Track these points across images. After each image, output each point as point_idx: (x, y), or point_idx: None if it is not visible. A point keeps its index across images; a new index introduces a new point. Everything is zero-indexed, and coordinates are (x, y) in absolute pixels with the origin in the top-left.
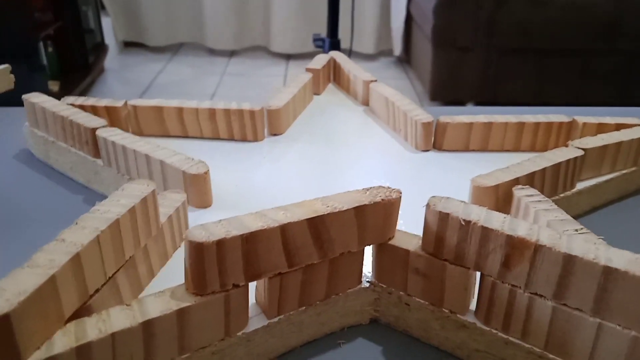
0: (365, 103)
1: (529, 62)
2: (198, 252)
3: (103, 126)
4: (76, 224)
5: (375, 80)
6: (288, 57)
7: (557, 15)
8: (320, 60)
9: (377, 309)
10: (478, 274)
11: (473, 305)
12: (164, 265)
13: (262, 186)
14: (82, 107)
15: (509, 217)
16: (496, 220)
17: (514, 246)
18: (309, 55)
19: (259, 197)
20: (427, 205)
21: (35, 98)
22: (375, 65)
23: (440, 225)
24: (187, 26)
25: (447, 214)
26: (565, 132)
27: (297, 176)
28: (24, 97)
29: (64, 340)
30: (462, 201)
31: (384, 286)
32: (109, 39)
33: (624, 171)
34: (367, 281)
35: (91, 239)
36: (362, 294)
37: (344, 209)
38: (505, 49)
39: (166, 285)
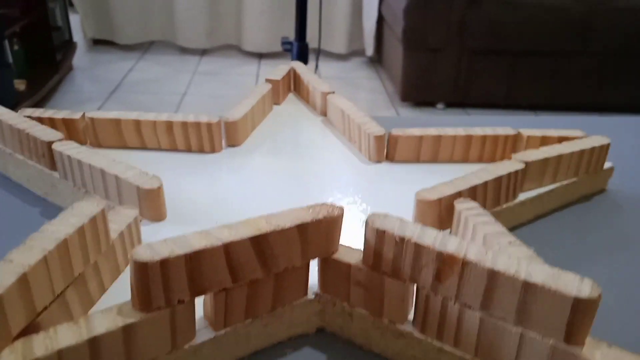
0: (324, 113)
1: (500, 63)
2: (142, 271)
3: (59, 139)
4: (24, 243)
5: (333, 92)
6: (260, 56)
7: (528, 16)
8: (280, 71)
9: (322, 319)
10: (415, 286)
11: (412, 315)
12: (115, 279)
13: (217, 198)
14: (40, 120)
15: (441, 233)
16: (428, 237)
17: (444, 261)
18: (281, 55)
19: (214, 209)
20: (366, 222)
21: None
22: (347, 65)
23: (377, 241)
24: (158, 24)
25: (384, 231)
26: (511, 144)
27: (253, 188)
28: None
29: (10, 357)
30: (399, 218)
31: (329, 297)
32: (78, 36)
33: (565, 182)
34: (313, 292)
35: (38, 259)
36: (307, 305)
37: (287, 226)
38: (476, 50)
39: (117, 299)
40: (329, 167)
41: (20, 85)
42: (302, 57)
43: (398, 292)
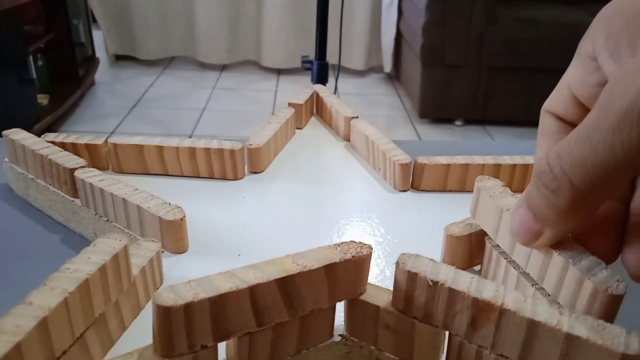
0: (347, 138)
1: (517, 80)
2: (166, 316)
3: (82, 166)
4: (45, 284)
5: (357, 117)
6: (279, 71)
7: (545, 33)
8: (303, 95)
9: None
10: (447, 332)
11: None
12: (136, 316)
13: (239, 227)
14: (63, 145)
15: (477, 277)
16: (463, 281)
17: (480, 308)
18: (300, 71)
19: (236, 239)
20: (397, 264)
21: (15, 135)
22: (366, 82)
23: (409, 283)
24: (179, 40)
25: (416, 274)
26: None
27: (275, 216)
28: (4, 133)
29: None
30: (431, 259)
31: (355, 340)
32: (100, 52)
33: None
34: (339, 334)
35: (59, 302)
36: (333, 347)
37: (314, 267)
38: (494, 67)
39: (138, 338)
40: (353, 195)
41: (43, 100)
42: (322, 75)
43: (429, 337)
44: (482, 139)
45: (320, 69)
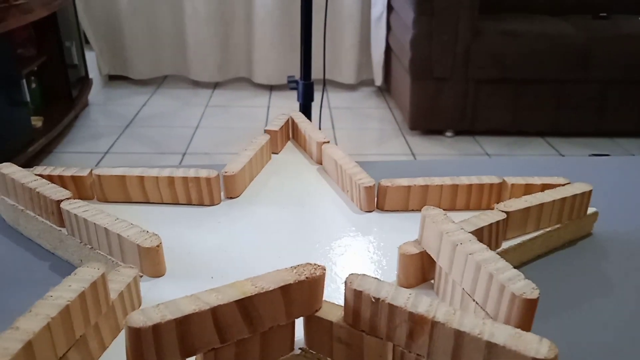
0: (320, 162)
1: (504, 91)
2: (136, 336)
3: (67, 198)
4: (30, 311)
5: (328, 142)
6: (271, 87)
7: (530, 46)
8: (278, 121)
9: None
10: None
11: None
12: (115, 336)
13: (214, 251)
14: (50, 177)
15: (414, 294)
16: (401, 298)
17: (416, 321)
18: None
19: (211, 262)
20: (345, 283)
21: (6, 169)
22: (357, 95)
23: (356, 300)
24: (171, 59)
25: (361, 292)
26: (497, 192)
27: (248, 240)
28: None
29: None
30: (376, 278)
31: (314, 353)
32: (93, 72)
33: (548, 229)
34: (299, 348)
35: (42, 326)
36: (293, 359)
37: (271, 288)
38: (481, 80)
39: (117, 355)
40: (323, 216)
41: (37, 122)
42: (308, 94)
43: (376, 348)
44: (468, 151)
45: (305, 89)
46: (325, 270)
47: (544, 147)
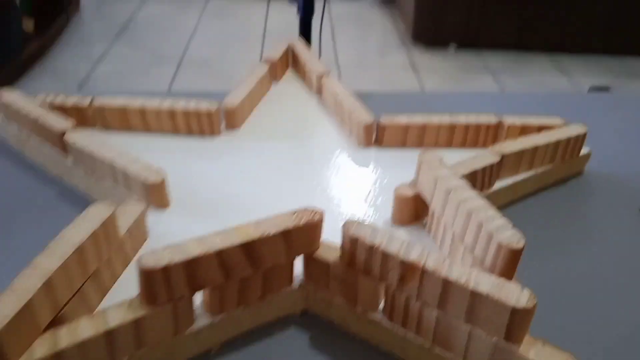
0: (319, 92)
1: (511, 4)
2: (148, 275)
3: (70, 128)
4: (47, 249)
5: (327, 74)
6: None
7: None
8: (278, 50)
9: (306, 303)
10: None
11: (382, 305)
12: (126, 267)
13: (216, 183)
14: (52, 106)
15: (407, 242)
16: (394, 245)
17: (407, 268)
18: None
19: (213, 195)
20: (342, 228)
21: (7, 97)
22: (359, 5)
23: (352, 245)
24: None
25: (357, 238)
26: (493, 132)
27: (249, 171)
28: None
29: (41, 349)
30: (371, 225)
31: (311, 286)
32: None
33: (540, 170)
34: (299, 281)
35: (60, 265)
36: (294, 292)
37: (272, 233)
38: None
39: (128, 284)
40: (322, 150)
41: (28, 23)
42: (309, 6)
43: (369, 288)
44: (471, 66)
45: (305, 3)
46: (323, 215)
47: (549, 65)
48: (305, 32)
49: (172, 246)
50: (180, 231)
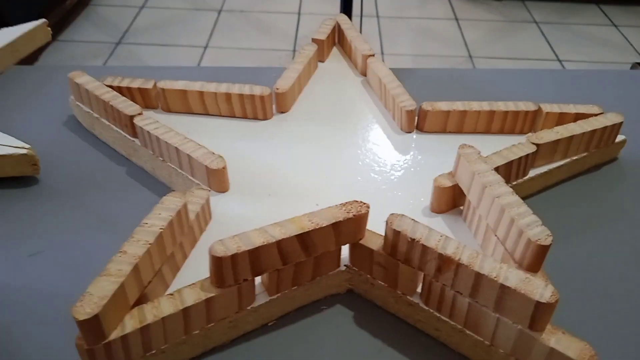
0: (364, 73)
1: None
2: (218, 262)
3: (139, 113)
4: (132, 237)
5: (373, 55)
6: None
7: None
8: (325, 28)
9: (351, 283)
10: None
11: (420, 288)
12: (193, 247)
13: (269, 167)
14: (119, 88)
15: (445, 237)
16: (433, 239)
17: (444, 260)
18: None
19: (267, 179)
20: (386, 222)
21: (78, 78)
22: None
23: (394, 237)
24: None
25: (399, 232)
26: (531, 118)
27: (298, 157)
28: (70, 76)
29: (131, 323)
30: (412, 219)
31: (356, 269)
32: None
33: (575, 157)
34: (344, 265)
35: (144, 251)
36: (340, 274)
37: (324, 225)
38: None
39: (196, 264)
40: (366, 134)
41: None
42: None
43: (409, 274)
44: (515, 17)
45: None
46: (369, 207)
47: (598, 16)
48: None
49: (238, 236)
50: (238, 211)
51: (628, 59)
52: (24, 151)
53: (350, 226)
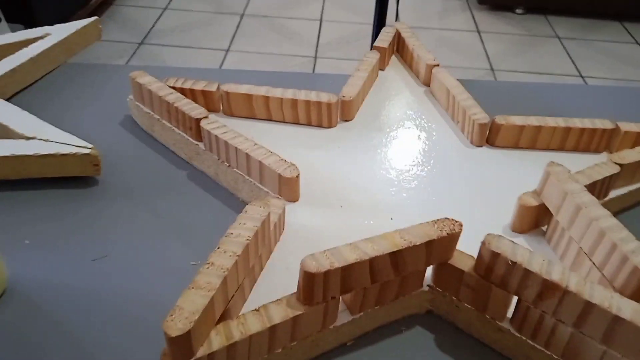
0: (427, 84)
1: None
2: (310, 278)
3: (205, 117)
4: (219, 247)
5: (438, 65)
6: None
7: None
8: (386, 36)
9: (432, 304)
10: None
11: (510, 313)
12: (269, 258)
13: (337, 177)
14: (182, 90)
15: (547, 260)
16: (536, 263)
17: (548, 286)
18: None
19: (337, 188)
20: (483, 242)
21: (141, 78)
22: None
23: (491, 259)
24: None
25: (498, 254)
26: (608, 137)
27: (367, 167)
28: (131, 75)
29: (218, 339)
30: (511, 241)
31: (440, 290)
32: None
33: None
34: (427, 285)
35: (232, 263)
36: (422, 294)
37: (417, 243)
38: None
39: (271, 275)
40: (434, 146)
41: None
42: None
43: (502, 298)
44: (537, 32)
45: None
46: (462, 226)
47: (621, 33)
48: None
49: (329, 251)
50: (310, 222)
51: None
52: (87, 151)
53: (442, 245)
